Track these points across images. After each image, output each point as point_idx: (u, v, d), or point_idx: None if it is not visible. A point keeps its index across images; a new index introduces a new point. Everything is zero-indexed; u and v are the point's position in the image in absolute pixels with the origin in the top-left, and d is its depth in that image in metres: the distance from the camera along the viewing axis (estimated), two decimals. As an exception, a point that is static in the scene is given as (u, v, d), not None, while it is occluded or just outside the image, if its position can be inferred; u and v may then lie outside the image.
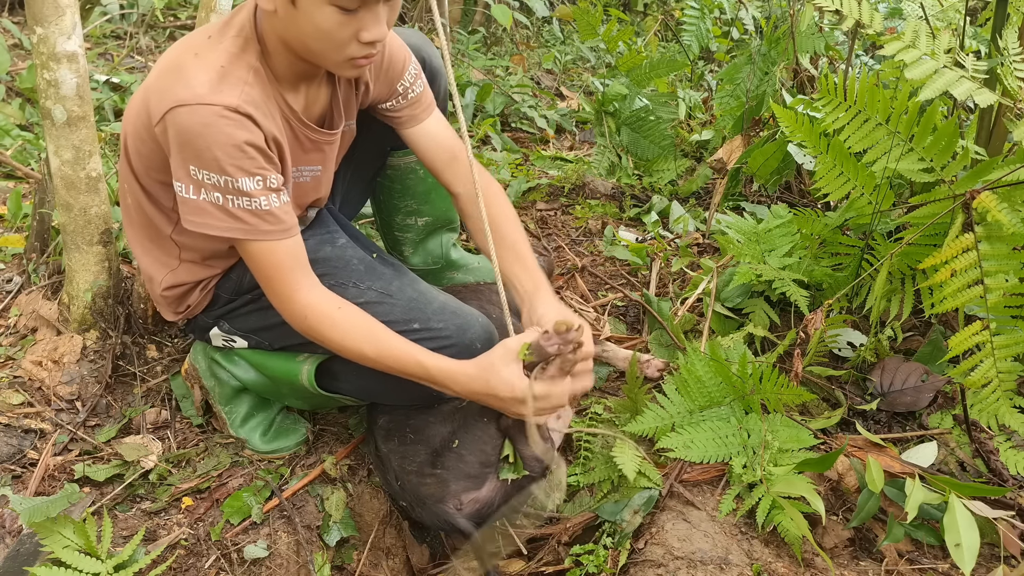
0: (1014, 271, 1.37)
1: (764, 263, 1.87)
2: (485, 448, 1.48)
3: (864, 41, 3.41)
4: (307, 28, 1.25)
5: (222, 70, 1.29)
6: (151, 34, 3.99)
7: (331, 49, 1.27)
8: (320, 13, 1.22)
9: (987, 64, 1.57)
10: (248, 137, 1.27)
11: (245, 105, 1.27)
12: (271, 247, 1.34)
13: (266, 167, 1.30)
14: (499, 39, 4.89)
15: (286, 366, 1.54)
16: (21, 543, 1.36)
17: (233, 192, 1.28)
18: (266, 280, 1.37)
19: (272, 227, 1.32)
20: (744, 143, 2.42)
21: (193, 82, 1.26)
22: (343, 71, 1.35)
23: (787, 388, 1.51)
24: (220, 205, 1.29)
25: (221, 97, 1.25)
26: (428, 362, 1.36)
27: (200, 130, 1.24)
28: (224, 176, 1.26)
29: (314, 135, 1.46)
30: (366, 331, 1.38)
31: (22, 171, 2.16)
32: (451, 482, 1.47)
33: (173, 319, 1.60)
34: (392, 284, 1.49)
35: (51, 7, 1.57)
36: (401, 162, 1.85)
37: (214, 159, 1.25)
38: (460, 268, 2.04)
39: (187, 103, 1.24)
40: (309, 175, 1.51)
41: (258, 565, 1.43)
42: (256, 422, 1.66)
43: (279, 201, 1.33)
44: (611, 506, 1.50)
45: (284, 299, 1.37)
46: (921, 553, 1.37)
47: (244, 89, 1.28)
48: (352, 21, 1.24)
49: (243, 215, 1.30)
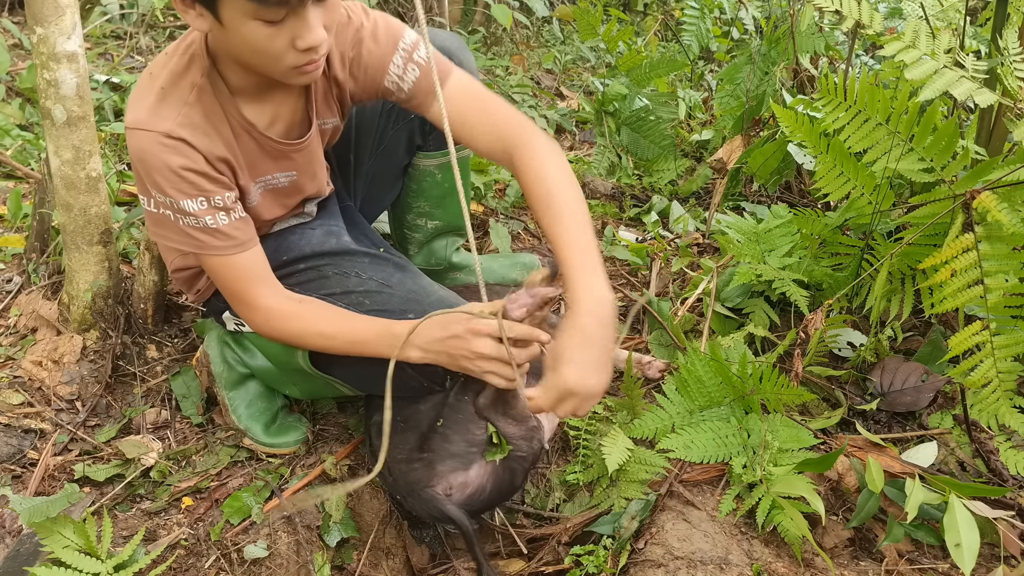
0: (1014, 271, 1.37)
1: (764, 263, 1.87)
2: (470, 426, 1.47)
3: (864, 41, 3.41)
4: (239, 44, 1.23)
5: (162, 92, 1.30)
6: (151, 34, 3.99)
7: (270, 62, 1.25)
8: (247, 29, 1.19)
9: (987, 64, 1.57)
10: (183, 162, 1.29)
11: (179, 129, 1.28)
12: (225, 262, 1.37)
13: (208, 188, 1.32)
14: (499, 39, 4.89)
15: (285, 347, 1.55)
16: (21, 543, 1.36)
17: (180, 212, 1.32)
18: (227, 292, 1.42)
19: (222, 243, 1.35)
20: (744, 143, 2.42)
21: (138, 105, 1.30)
22: (292, 80, 1.30)
23: (787, 388, 1.51)
24: (172, 221, 1.33)
25: (156, 122, 1.28)
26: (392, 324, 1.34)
27: (140, 155, 1.29)
28: (167, 197, 1.31)
29: (278, 145, 1.44)
30: (326, 314, 1.39)
31: (22, 171, 2.16)
32: (437, 463, 1.46)
33: (192, 300, 1.65)
34: (393, 276, 1.49)
35: (51, 7, 1.57)
36: (422, 163, 1.84)
37: (155, 182, 1.30)
38: (462, 269, 2.05)
39: (131, 127, 1.29)
40: (285, 179, 1.50)
41: (258, 565, 1.43)
42: (258, 411, 1.67)
43: (228, 219, 1.35)
44: (608, 517, 1.50)
45: (246, 308, 1.41)
46: (921, 553, 1.37)
47: (182, 111, 1.29)
48: (282, 31, 1.19)
49: (193, 232, 1.34)
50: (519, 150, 1.38)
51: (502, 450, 1.47)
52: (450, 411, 1.48)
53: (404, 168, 1.86)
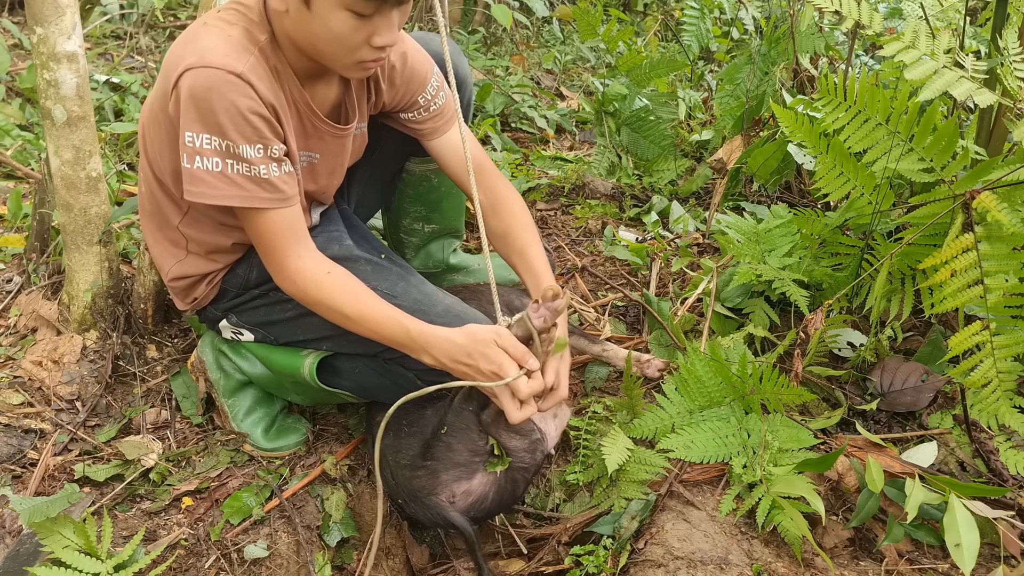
0: (1014, 271, 1.37)
1: (764, 263, 1.87)
2: (473, 436, 1.48)
3: (864, 41, 3.41)
4: (319, 31, 1.26)
5: (230, 38, 1.29)
6: (151, 34, 3.99)
7: (342, 52, 1.28)
8: (334, 17, 1.23)
9: (987, 64, 1.57)
10: (250, 104, 1.27)
11: (249, 73, 1.27)
12: (268, 215, 1.35)
13: (268, 136, 1.31)
14: (499, 39, 4.89)
15: (289, 360, 1.55)
16: (21, 543, 1.36)
17: (233, 157, 1.29)
18: (261, 246, 1.40)
19: (270, 195, 1.34)
20: (744, 143, 2.42)
21: (200, 46, 1.27)
22: (351, 73, 1.35)
23: (787, 388, 1.51)
24: (219, 172, 1.29)
25: (227, 62, 1.26)
26: (410, 325, 1.36)
27: (205, 93, 1.25)
28: (225, 140, 1.27)
29: (320, 124, 1.46)
30: (350, 291, 1.39)
31: (22, 171, 2.16)
32: (441, 472, 1.47)
33: (184, 308, 1.62)
34: (398, 285, 1.49)
35: (51, 7, 1.57)
36: (417, 168, 1.86)
37: (216, 123, 1.26)
38: (460, 270, 2.05)
39: (194, 66, 1.25)
40: (306, 160, 1.50)
41: (258, 565, 1.43)
42: (258, 416, 1.66)
43: (279, 171, 1.34)
44: (608, 518, 1.50)
45: (276, 265, 1.40)
46: (921, 553, 1.37)
47: (250, 60, 1.29)
48: (366, 26, 1.24)
49: (241, 181, 1.31)
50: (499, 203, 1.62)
51: (503, 462, 1.48)
52: (454, 419, 1.49)
53: (397, 172, 1.88)
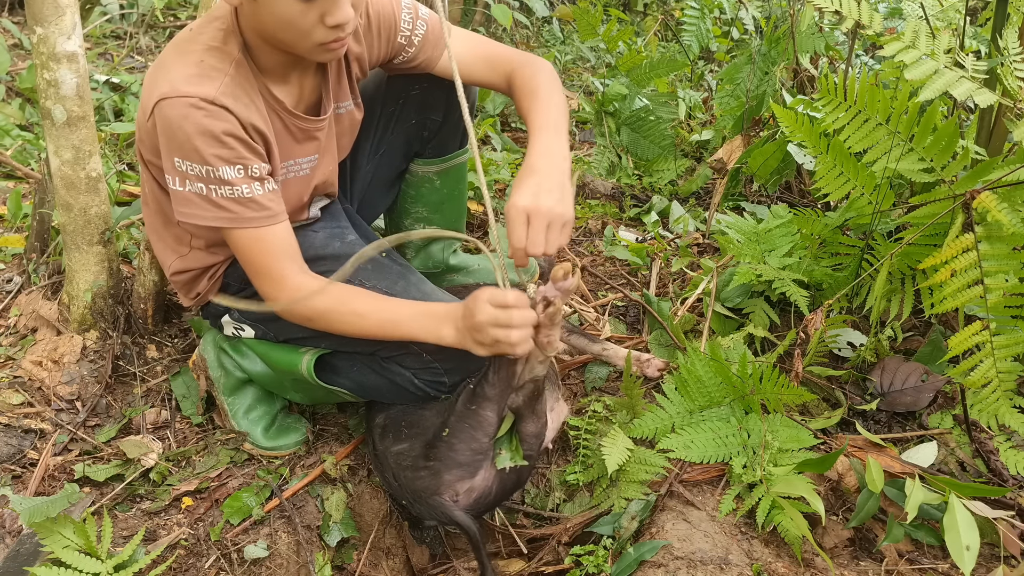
0: (1014, 271, 1.37)
1: (764, 263, 1.87)
2: (475, 435, 1.49)
3: (864, 41, 3.41)
4: (269, 20, 1.27)
5: (201, 63, 1.31)
6: (151, 34, 3.99)
7: (298, 37, 1.29)
8: (279, 4, 1.24)
9: (987, 64, 1.57)
10: (225, 127, 1.28)
11: (222, 97, 1.29)
12: (257, 234, 1.35)
13: (247, 156, 1.32)
14: (499, 39, 4.89)
15: (288, 357, 1.55)
16: (21, 543, 1.36)
17: (215, 181, 1.30)
18: (254, 269, 1.39)
19: (256, 214, 1.34)
20: (744, 143, 2.42)
21: (172, 75, 1.29)
22: (317, 57, 1.35)
23: (787, 388, 1.51)
24: (204, 195, 1.31)
25: (198, 88, 1.27)
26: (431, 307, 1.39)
27: (180, 122, 1.27)
28: (205, 166, 1.29)
29: (304, 124, 1.46)
30: (354, 290, 1.41)
31: (22, 171, 2.16)
32: (443, 472, 1.48)
33: (188, 304, 1.63)
34: (398, 284, 1.50)
35: (51, 7, 1.57)
36: (420, 170, 1.86)
37: (194, 149, 1.28)
38: (460, 271, 2.04)
39: (167, 96, 1.27)
40: (307, 166, 1.51)
41: (258, 565, 1.43)
42: (258, 415, 1.66)
43: (263, 189, 1.35)
44: (608, 518, 1.50)
45: (272, 285, 1.38)
46: (921, 553, 1.37)
47: (223, 81, 1.30)
48: (313, 7, 1.25)
49: (226, 204, 1.32)
50: (516, 71, 1.54)
51: (515, 457, 1.49)
52: (456, 420, 1.49)
53: (401, 173, 1.88)
